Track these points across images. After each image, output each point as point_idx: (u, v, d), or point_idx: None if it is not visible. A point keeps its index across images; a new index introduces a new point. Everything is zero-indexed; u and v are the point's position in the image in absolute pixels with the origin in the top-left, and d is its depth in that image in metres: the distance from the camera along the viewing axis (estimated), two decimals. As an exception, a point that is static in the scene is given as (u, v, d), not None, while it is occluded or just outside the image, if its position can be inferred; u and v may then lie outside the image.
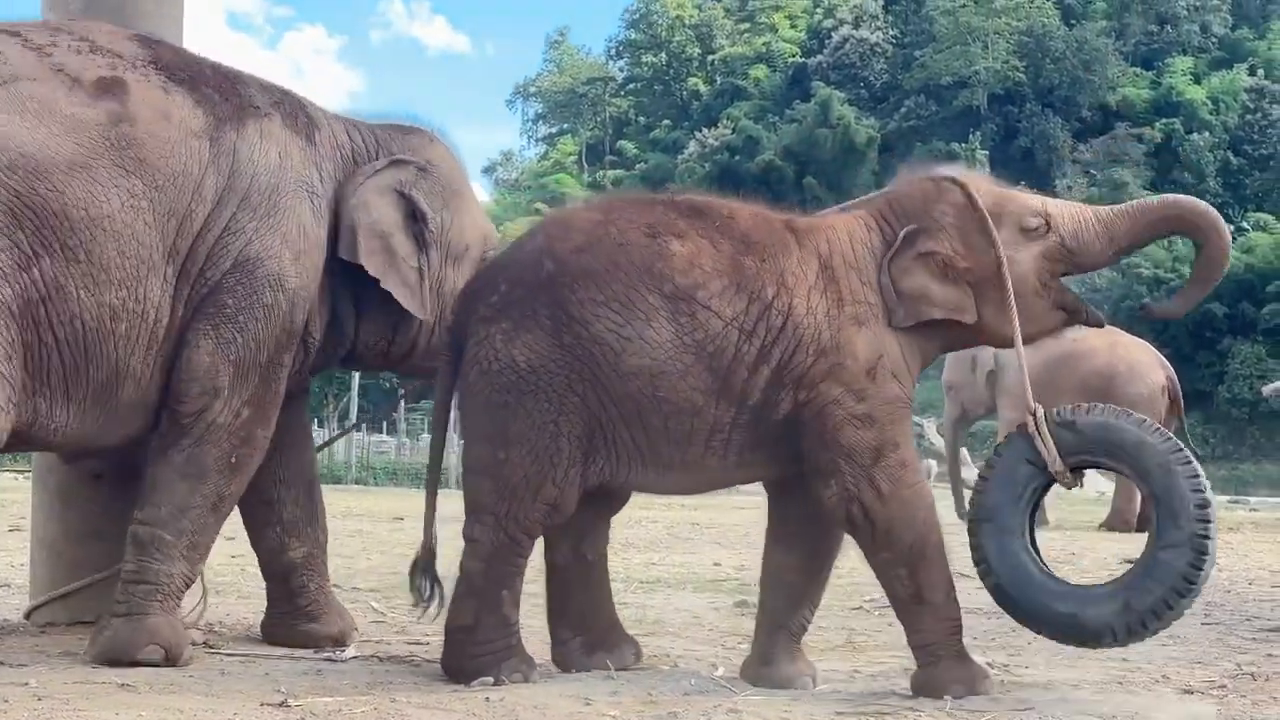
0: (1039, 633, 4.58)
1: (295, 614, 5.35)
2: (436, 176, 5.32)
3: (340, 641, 5.25)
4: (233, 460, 4.84)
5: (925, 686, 4.48)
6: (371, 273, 5.06)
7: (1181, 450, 4.43)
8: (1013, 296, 4.54)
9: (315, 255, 4.99)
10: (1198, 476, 4.44)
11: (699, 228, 4.55)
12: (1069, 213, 4.73)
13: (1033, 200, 4.74)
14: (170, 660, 4.67)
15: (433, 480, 4.81)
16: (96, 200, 4.46)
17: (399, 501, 16.64)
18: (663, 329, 4.40)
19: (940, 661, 4.50)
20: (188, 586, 4.91)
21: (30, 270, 4.36)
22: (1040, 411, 4.52)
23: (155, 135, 4.62)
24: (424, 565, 4.74)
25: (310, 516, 5.41)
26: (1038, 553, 4.62)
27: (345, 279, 5.13)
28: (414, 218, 5.22)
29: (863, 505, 4.44)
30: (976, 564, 4.54)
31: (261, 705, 4.00)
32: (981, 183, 4.75)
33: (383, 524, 12.65)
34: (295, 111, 5.10)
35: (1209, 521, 4.39)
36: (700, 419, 4.45)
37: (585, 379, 4.41)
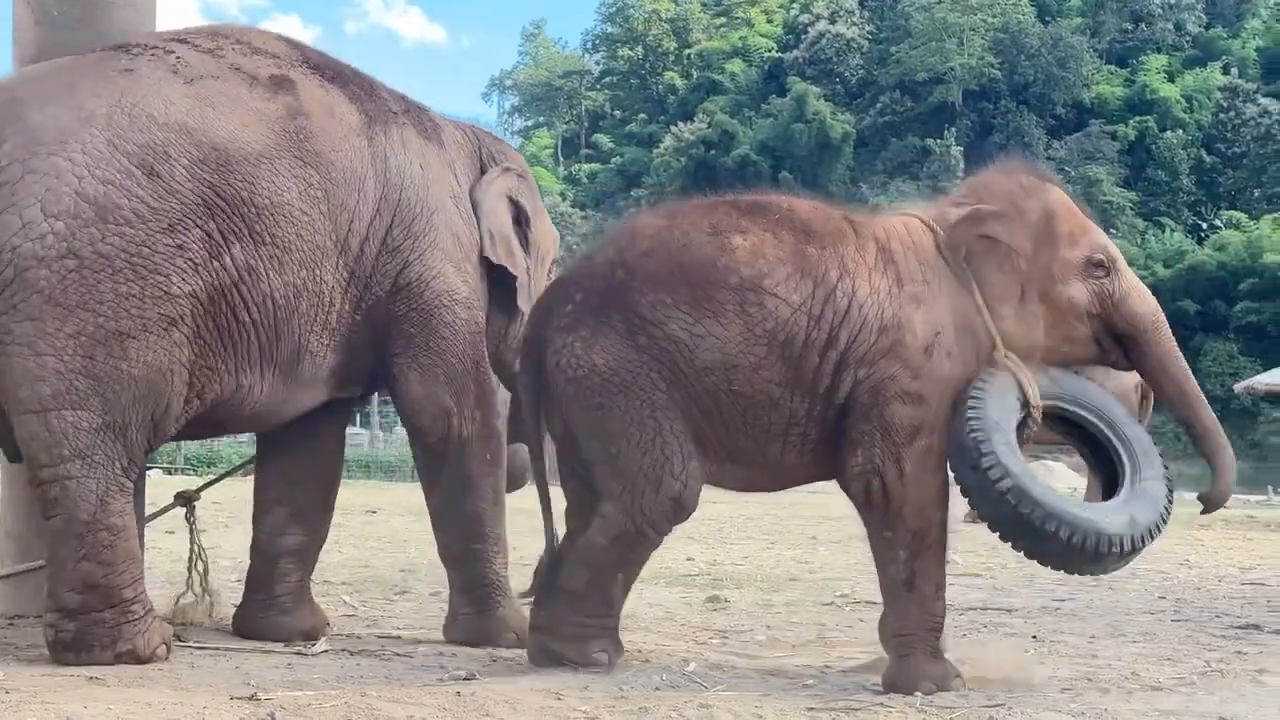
0: (1040, 548, 4.49)
1: (270, 604, 5.36)
2: (529, 183, 5.71)
3: (311, 637, 5.25)
4: (487, 457, 5.24)
5: (897, 680, 4.52)
6: (515, 274, 5.45)
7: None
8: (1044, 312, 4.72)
9: (474, 257, 5.31)
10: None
11: (760, 222, 4.69)
12: (1133, 277, 4.92)
13: (1109, 243, 4.90)
14: (522, 643, 4.97)
15: (542, 487, 4.93)
16: (279, 189, 4.67)
17: (372, 495, 16.60)
18: (732, 323, 4.54)
19: (914, 655, 4.55)
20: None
21: (222, 257, 4.56)
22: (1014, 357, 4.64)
23: (326, 130, 4.85)
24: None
25: (320, 508, 5.50)
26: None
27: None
28: (519, 222, 5.57)
29: (883, 481, 4.55)
30: (989, 470, 4.44)
31: (231, 699, 3.98)
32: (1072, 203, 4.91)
33: (355, 517, 12.63)
34: (421, 118, 5.33)
35: (1167, 468, 4.65)
36: (777, 412, 4.58)
37: (665, 378, 4.54)
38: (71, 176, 4.35)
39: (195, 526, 5.65)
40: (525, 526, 5.16)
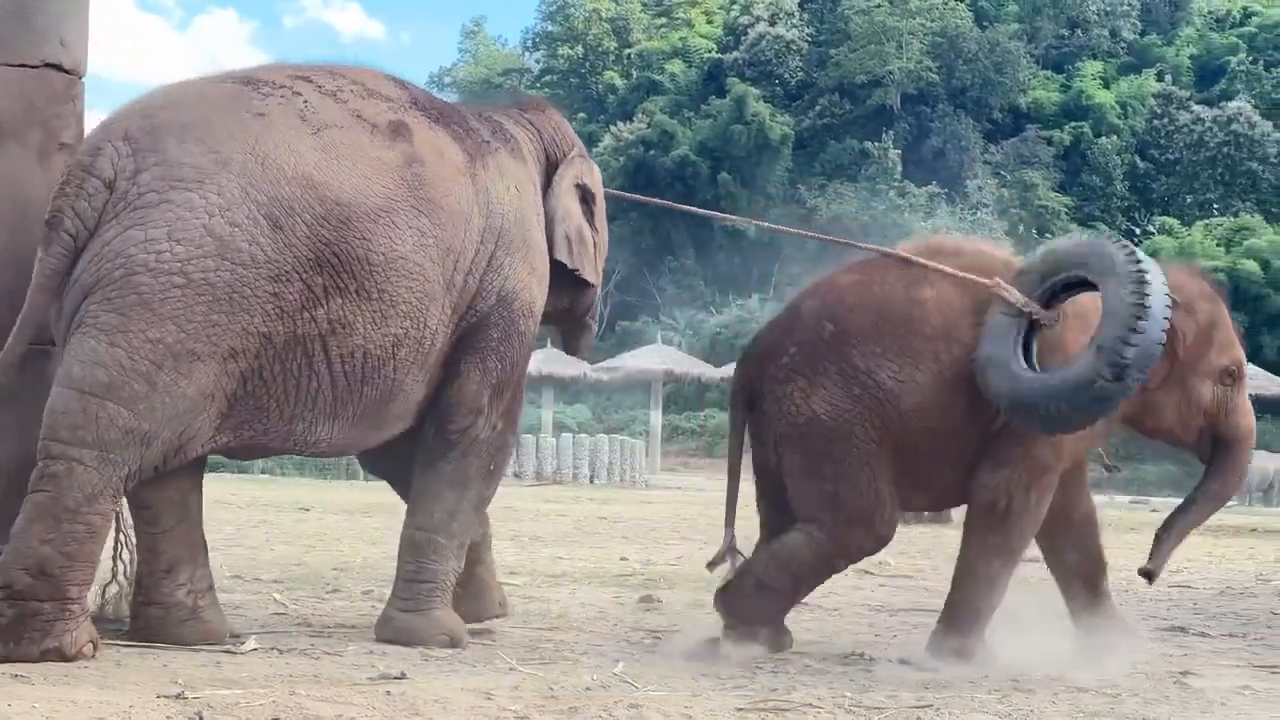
0: (1040, 413, 5.13)
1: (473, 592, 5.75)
2: (586, 155, 5.96)
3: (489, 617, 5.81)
4: (490, 468, 5.43)
5: (933, 644, 5.35)
6: (586, 277, 5.78)
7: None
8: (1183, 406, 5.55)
9: (548, 266, 5.59)
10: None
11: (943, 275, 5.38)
12: (1246, 395, 5.70)
13: (1244, 359, 5.68)
14: (455, 645, 5.20)
15: (731, 496, 5.76)
16: (394, 243, 4.87)
17: (305, 492, 16.49)
18: (927, 368, 5.29)
19: (952, 629, 5.38)
20: (456, 580, 5.44)
21: (316, 309, 4.74)
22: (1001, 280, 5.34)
23: (438, 174, 5.07)
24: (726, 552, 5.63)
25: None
26: (1034, 368, 5.25)
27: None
28: (585, 201, 5.85)
29: (1010, 503, 5.31)
30: (996, 399, 5.22)
31: (158, 697, 3.95)
32: None
33: (288, 514, 12.54)
34: (503, 135, 5.55)
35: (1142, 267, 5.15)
36: (958, 443, 5.33)
37: (876, 425, 5.26)
38: (203, 213, 4.58)
39: (122, 515, 5.59)
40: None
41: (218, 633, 5.05)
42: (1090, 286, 5.26)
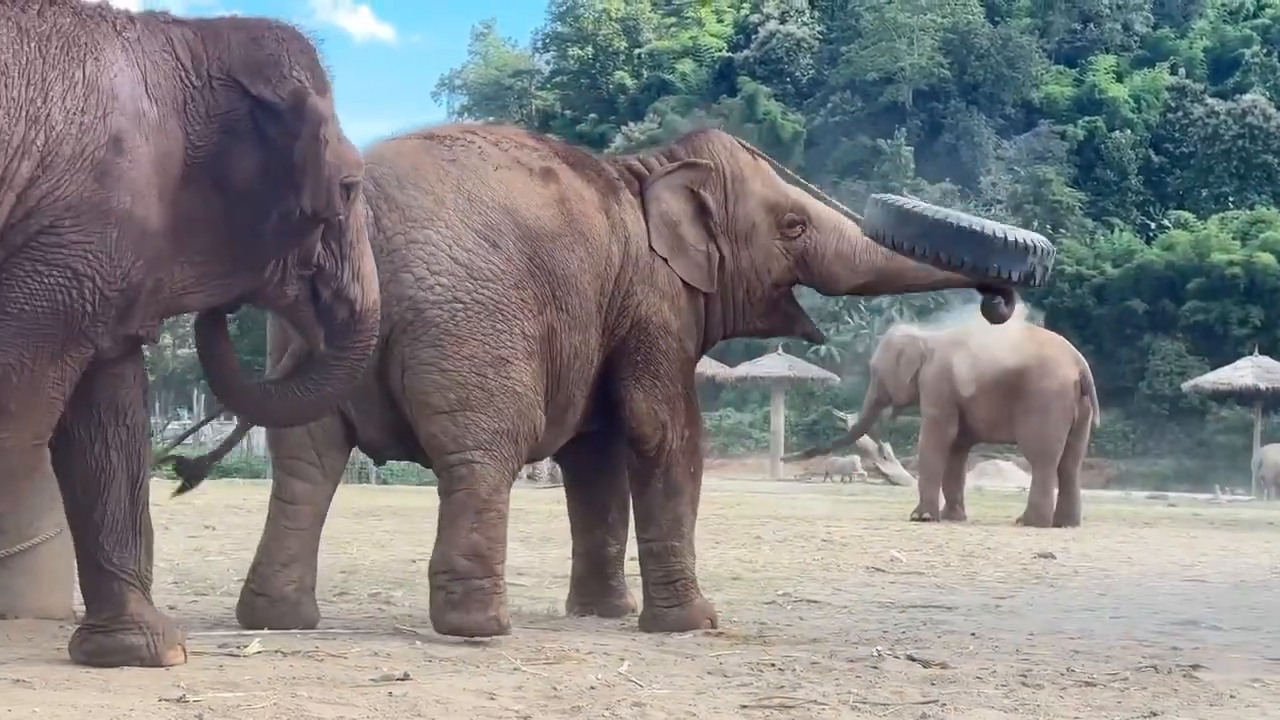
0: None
1: (608, 592, 6.46)
2: (722, 173, 6.29)
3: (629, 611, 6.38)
4: (691, 470, 6.07)
5: None
6: (661, 253, 6.04)
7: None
8: None
9: (683, 292, 6.11)
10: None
11: None
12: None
13: None
14: (714, 625, 5.99)
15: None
16: (567, 263, 5.64)
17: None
18: None
19: None
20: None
21: (544, 313, 5.55)
22: None
23: (584, 212, 5.78)
24: None
25: (624, 522, 6.46)
26: None
27: None
28: (703, 211, 6.17)
29: None
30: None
31: (160, 700, 3.94)
32: None
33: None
34: (628, 176, 6.17)
35: None
36: None
37: None
38: (444, 245, 5.38)
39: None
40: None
41: (311, 625, 5.56)
42: None
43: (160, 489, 5.34)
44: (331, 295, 4.70)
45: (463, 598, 5.28)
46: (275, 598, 5.54)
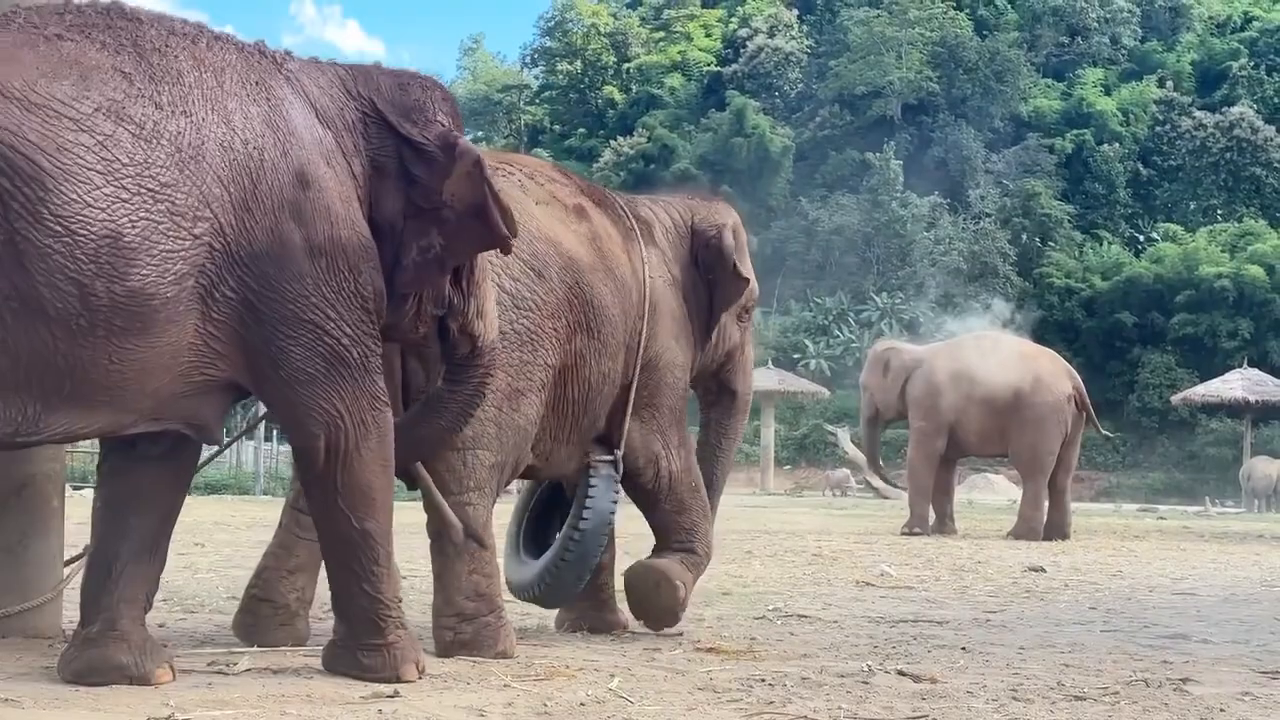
0: None
1: (598, 607, 6.49)
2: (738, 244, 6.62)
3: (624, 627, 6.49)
4: (694, 485, 6.34)
5: None
6: (744, 274, 6.53)
7: None
8: None
9: (688, 328, 6.41)
10: None
11: None
12: None
13: None
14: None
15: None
16: (601, 294, 5.77)
17: (308, 511, 16.42)
18: None
19: None
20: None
21: (572, 341, 5.65)
22: None
23: (610, 250, 5.95)
24: None
25: (611, 538, 6.40)
26: None
27: None
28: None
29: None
30: None
31: (148, 719, 3.94)
32: None
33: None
34: (644, 228, 6.35)
35: None
36: None
37: None
38: (492, 274, 5.28)
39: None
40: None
41: (303, 640, 5.57)
42: None
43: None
44: (457, 331, 4.97)
45: (473, 637, 5.35)
46: (279, 604, 5.58)
